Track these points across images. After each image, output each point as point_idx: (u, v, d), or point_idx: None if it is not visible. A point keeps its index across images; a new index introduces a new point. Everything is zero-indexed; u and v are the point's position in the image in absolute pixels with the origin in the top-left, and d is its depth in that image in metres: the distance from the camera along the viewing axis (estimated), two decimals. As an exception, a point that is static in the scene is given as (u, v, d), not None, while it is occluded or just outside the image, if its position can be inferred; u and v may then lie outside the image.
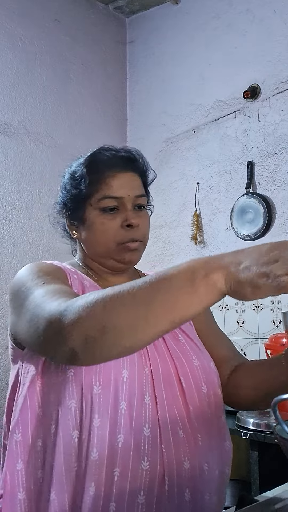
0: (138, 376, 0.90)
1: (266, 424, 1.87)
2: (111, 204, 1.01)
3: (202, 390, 0.96)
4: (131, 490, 0.84)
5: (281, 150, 2.55)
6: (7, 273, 2.58)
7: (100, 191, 1.01)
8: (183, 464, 0.88)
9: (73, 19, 3.08)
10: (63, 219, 1.12)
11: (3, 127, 2.67)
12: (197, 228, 2.82)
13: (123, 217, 1.01)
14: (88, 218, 1.03)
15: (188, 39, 3.02)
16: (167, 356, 0.96)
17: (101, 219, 1.01)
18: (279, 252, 0.64)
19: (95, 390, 0.86)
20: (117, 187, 1.01)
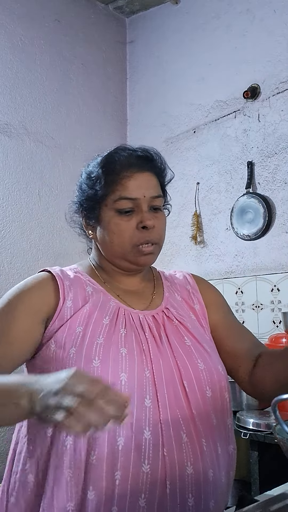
0: (138, 379, 0.90)
1: (266, 424, 1.87)
2: (127, 206, 1.00)
3: (206, 394, 0.96)
4: (132, 493, 0.84)
5: (281, 150, 2.55)
6: (7, 273, 2.58)
7: (116, 192, 1.00)
8: (186, 469, 0.88)
9: (73, 19, 3.08)
10: (80, 218, 1.11)
11: (3, 127, 2.67)
12: (197, 228, 2.82)
13: (139, 218, 1.00)
14: (104, 218, 1.03)
15: (188, 39, 3.02)
16: (171, 359, 0.96)
17: (117, 220, 1.01)
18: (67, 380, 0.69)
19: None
20: (133, 188, 1.00)
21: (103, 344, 0.93)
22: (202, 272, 2.79)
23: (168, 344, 0.98)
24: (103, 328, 0.96)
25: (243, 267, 2.64)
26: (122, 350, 0.93)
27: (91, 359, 0.90)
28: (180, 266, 2.83)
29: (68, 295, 1.00)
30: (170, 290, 1.13)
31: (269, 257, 2.54)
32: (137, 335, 0.97)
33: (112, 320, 0.98)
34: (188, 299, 1.14)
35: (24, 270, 2.65)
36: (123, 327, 0.98)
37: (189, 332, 1.03)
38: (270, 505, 0.87)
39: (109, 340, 0.94)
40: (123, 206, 1.00)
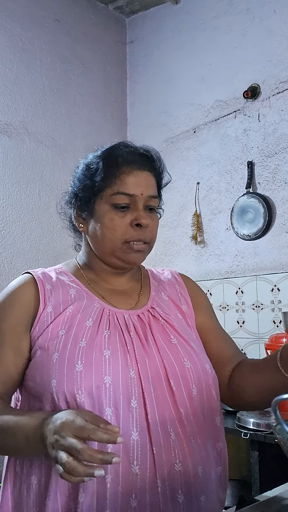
0: (122, 381, 0.90)
1: (266, 424, 1.87)
2: (123, 201, 0.99)
3: (192, 392, 0.96)
4: (123, 494, 0.85)
5: (281, 150, 2.55)
6: (7, 273, 2.58)
7: (114, 186, 0.99)
8: (175, 467, 0.89)
9: (73, 19, 3.08)
10: (70, 210, 1.10)
11: (3, 127, 2.67)
12: (197, 228, 2.82)
13: (134, 215, 1.00)
14: (98, 212, 1.01)
15: (188, 39, 3.02)
16: (157, 357, 0.96)
17: (111, 215, 0.99)
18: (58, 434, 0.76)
19: (79, 399, 0.88)
20: (132, 185, 0.99)
21: (86, 347, 0.93)
22: (202, 272, 2.79)
23: (154, 343, 0.98)
24: (86, 331, 0.96)
25: (243, 267, 2.64)
26: (105, 352, 0.93)
27: (74, 363, 0.90)
28: (180, 266, 2.83)
29: (49, 299, 1.00)
30: (157, 289, 1.13)
31: (269, 257, 2.54)
32: (121, 335, 0.97)
33: (95, 322, 0.98)
34: (175, 299, 1.13)
35: (24, 270, 2.63)
36: (107, 328, 0.97)
37: (175, 330, 1.03)
38: (270, 505, 0.87)
39: (92, 343, 0.94)
40: (120, 201, 0.99)
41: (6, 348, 0.97)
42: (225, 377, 1.08)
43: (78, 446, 0.72)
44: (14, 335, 0.98)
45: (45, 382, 0.92)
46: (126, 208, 1.00)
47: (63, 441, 0.74)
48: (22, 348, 0.97)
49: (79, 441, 0.73)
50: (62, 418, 0.77)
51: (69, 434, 0.74)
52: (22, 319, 0.99)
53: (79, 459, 0.72)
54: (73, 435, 0.74)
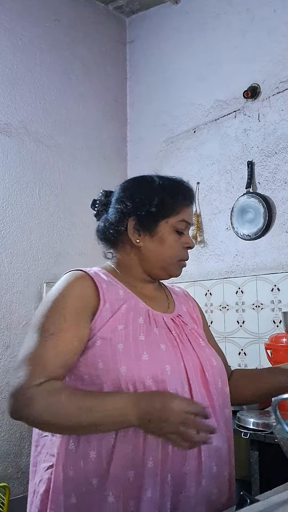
0: (177, 369, 1.08)
1: (266, 424, 1.87)
2: (183, 227, 1.20)
3: (218, 384, 1.15)
4: (179, 463, 1.04)
5: (281, 149, 2.55)
6: (7, 273, 2.58)
7: (181, 214, 1.20)
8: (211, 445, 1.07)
9: (73, 19, 3.08)
10: (122, 223, 1.20)
11: (3, 127, 2.67)
12: (197, 227, 2.82)
13: (186, 239, 1.21)
14: (161, 232, 1.19)
15: (188, 39, 3.02)
16: (195, 356, 1.14)
17: (175, 237, 1.19)
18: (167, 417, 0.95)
19: (147, 384, 1.03)
20: (189, 215, 1.23)
21: (145, 341, 1.08)
22: (202, 272, 2.79)
23: (188, 342, 1.16)
24: (141, 327, 1.10)
25: (243, 266, 2.64)
26: (161, 345, 1.09)
27: (140, 354, 1.05)
28: (180, 266, 2.83)
29: (107, 296, 1.12)
30: (176, 300, 1.30)
31: (269, 256, 2.54)
32: (168, 333, 1.14)
33: (145, 320, 1.13)
34: (191, 312, 1.32)
35: (24, 270, 2.65)
36: (156, 326, 1.13)
37: (200, 336, 1.22)
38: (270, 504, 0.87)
39: (149, 337, 1.09)
40: (181, 227, 1.20)
41: (71, 333, 1.05)
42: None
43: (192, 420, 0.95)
44: (77, 322, 1.07)
45: (110, 369, 1.04)
46: (182, 233, 1.21)
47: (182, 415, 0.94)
48: (83, 336, 1.07)
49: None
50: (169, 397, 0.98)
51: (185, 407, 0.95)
52: (84, 309, 1.09)
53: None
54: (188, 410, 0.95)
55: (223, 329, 2.65)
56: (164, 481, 1.02)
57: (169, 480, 1.02)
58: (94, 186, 3.10)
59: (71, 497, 1.03)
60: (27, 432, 2.58)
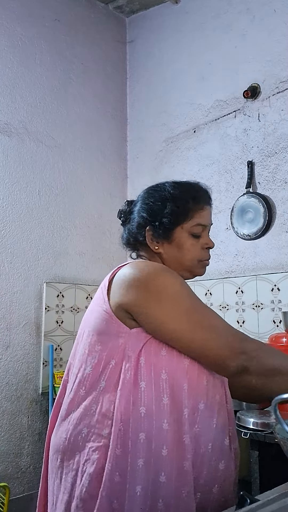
0: (210, 375, 1.14)
1: (266, 424, 1.87)
2: (199, 231, 1.25)
3: (225, 381, 1.19)
4: (216, 459, 1.10)
5: (281, 149, 2.55)
6: (7, 273, 2.58)
7: (194, 219, 1.24)
8: (235, 443, 1.15)
9: (73, 19, 3.08)
10: (137, 231, 1.27)
11: (3, 127, 2.67)
12: (197, 227, 2.82)
13: (204, 241, 1.26)
14: (178, 238, 1.24)
15: (188, 39, 3.02)
16: None
17: (191, 241, 1.24)
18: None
19: (204, 382, 1.11)
20: (205, 218, 1.26)
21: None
22: (202, 271, 2.79)
23: None
24: None
25: (243, 266, 2.64)
26: None
27: (183, 358, 1.10)
28: (180, 265, 2.83)
29: None
30: None
31: (269, 256, 2.54)
32: None
33: None
34: None
35: (24, 270, 2.65)
36: None
37: None
38: (270, 505, 0.87)
39: None
40: (197, 231, 1.24)
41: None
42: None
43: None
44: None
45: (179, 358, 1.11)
46: (199, 236, 1.25)
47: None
48: None
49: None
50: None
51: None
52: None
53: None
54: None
55: (223, 329, 2.65)
56: (199, 472, 1.08)
57: (205, 472, 1.09)
58: (94, 186, 3.10)
59: (124, 475, 1.05)
60: (27, 432, 2.58)
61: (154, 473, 1.04)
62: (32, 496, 2.50)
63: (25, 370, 2.61)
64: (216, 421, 1.11)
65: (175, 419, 1.06)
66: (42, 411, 2.64)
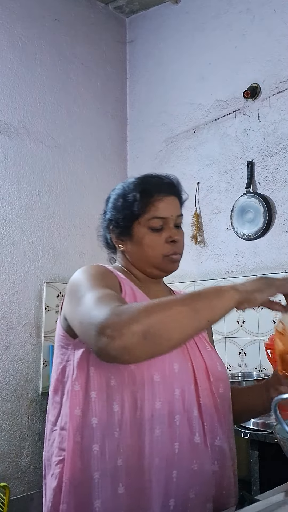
0: (185, 369, 1.09)
1: (267, 424, 1.87)
2: (158, 224, 1.17)
3: (219, 390, 1.15)
4: (187, 460, 1.04)
5: (281, 149, 2.55)
6: (7, 273, 2.58)
7: (150, 212, 1.18)
8: (216, 441, 1.09)
9: (73, 19, 3.08)
10: (107, 233, 1.26)
11: (3, 127, 2.67)
12: (197, 227, 2.82)
13: (167, 234, 1.18)
14: (137, 234, 1.19)
15: (188, 39, 3.02)
16: (201, 359, 1.15)
17: (150, 236, 1.18)
18: (267, 277, 0.97)
19: (156, 379, 1.04)
20: (163, 209, 1.18)
21: None
22: (202, 271, 2.79)
23: (196, 346, 1.17)
24: None
25: (243, 266, 2.64)
26: None
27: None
28: (180, 266, 2.80)
29: (125, 288, 1.13)
30: None
31: (269, 256, 2.54)
32: None
33: None
34: None
35: (24, 270, 2.65)
36: None
37: (207, 342, 1.22)
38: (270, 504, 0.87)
39: None
40: (155, 224, 1.17)
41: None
42: None
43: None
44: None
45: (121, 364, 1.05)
46: (161, 229, 1.18)
47: (274, 278, 0.96)
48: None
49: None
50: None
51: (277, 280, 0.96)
52: (114, 288, 1.06)
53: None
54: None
55: (223, 329, 2.65)
56: (169, 479, 1.01)
57: (175, 477, 1.02)
58: (94, 186, 3.10)
59: (82, 489, 1.02)
60: (27, 432, 2.58)
61: (112, 485, 0.99)
62: (32, 496, 2.50)
63: (25, 370, 2.61)
64: (179, 419, 1.05)
65: (130, 425, 1.02)
66: (42, 411, 2.64)
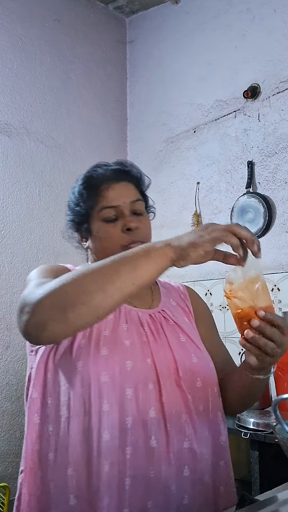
0: (141, 366, 1.01)
1: (267, 424, 1.87)
2: (110, 214, 1.11)
3: (196, 385, 1.05)
4: (142, 466, 0.95)
5: (281, 149, 2.55)
6: (7, 273, 2.58)
7: (99, 203, 1.12)
8: (184, 444, 0.99)
9: (73, 19, 3.08)
10: (75, 234, 1.23)
11: (3, 127, 2.67)
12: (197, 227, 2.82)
13: (123, 222, 1.11)
14: (93, 229, 1.14)
15: (188, 39, 3.02)
16: (168, 352, 1.06)
17: (105, 228, 1.11)
18: (208, 226, 0.93)
19: (103, 379, 0.97)
20: (113, 197, 1.12)
21: (109, 336, 1.02)
22: (202, 271, 2.79)
23: (165, 338, 1.08)
24: (107, 323, 1.05)
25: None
26: (126, 341, 1.03)
27: (99, 349, 1.00)
28: (180, 266, 2.83)
29: None
30: (166, 295, 1.23)
31: (269, 256, 2.54)
32: (138, 329, 1.07)
33: (115, 316, 1.07)
34: (182, 306, 1.23)
35: (24, 270, 2.65)
36: (125, 322, 1.07)
37: (183, 331, 1.13)
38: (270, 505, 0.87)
39: (114, 333, 1.03)
40: (107, 215, 1.11)
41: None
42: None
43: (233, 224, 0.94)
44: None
45: (68, 363, 1.00)
46: (116, 219, 1.11)
47: (216, 225, 0.92)
48: None
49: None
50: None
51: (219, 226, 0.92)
52: None
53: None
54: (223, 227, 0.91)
55: (223, 329, 2.65)
56: (121, 487, 0.93)
57: (128, 485, 0.93)
58: (94, 186, 3.10)
59: (39, 503, 0.98)
60: (27, 432, 2.58)
61: (64, 496, 0.94)
62: (32, 496, 2.50)
63: (25, 370, 2.60)
64: (131, 421, 0.96)
65: (78, 431, 0.96)
66: (42, 411, 2.64)
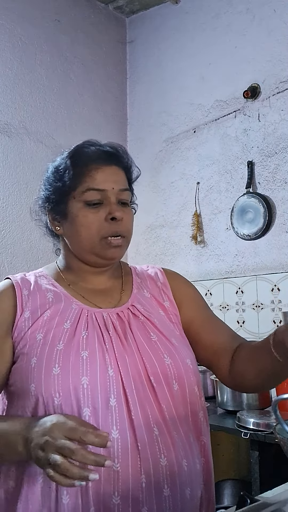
0: (100, 381, 0.91)
1: (267, 424, 1.87)
2: (95, 197, 1.00)
3: (173, 387, 0.97)
4: (105, 493, 0.86)
5: (281, 149, 2.55)
6: (7, 273, 2.57)
7: (84, 183, 1.00)
8: (160, 461, 0.90)
9: (73, 19, 3.08)
10: (45, 216, 1.10)
11: (3, 127, 2.67)
12: (197, 228, 2.82)
13: (107, 210, 1.00)
14: (71, 211, 1.01)
15: (188, 39, 3.02)
16: (137, 355, 0.97)
17: (85, 212, 1.00)
18: (48, 435, 0.79)
19: (56, 401, 0.89)
20: (101, 180, 1.00)
21: (63, 350, 0.93)
22: (202, 272, 2.79)
23: (133, 340, 0.99)
24: (63, 333, 0.96)
25: (243, 266, 2.64)
26: (83, 353, 0.93)
27: (51, 367, 0.91)
28: (180, 266, 2.83)
29: (27, 305, 1.00)
30: (139, 286, 1.12)
31: (269, 256, 2.54)
32: (100, 335, 0.97)
33: (73, 323, 0.98)
34: (157, 296, 1.12)
35: (24, 270, 2.64)
36: (85, 329, 0.98)
37: (155, 327, 1.03)
38: (270, 505, 0.87)
39: (69, 345, 0.94)
40: (92, 198, 0.99)
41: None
42: (226, 366, 1.07)
43: (71, 446, 0.75)
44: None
45: (24, 387, 0.93)
46: (99, 204, 1.00)
47: (55, 441, 0.77)
48: (4, 352, 0.98)
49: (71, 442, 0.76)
50: (52, 420, 0.81)
51: (61, 435, 0.77)
52: (2, 324, 0.99)
53: (72, 461, 0.75)
54: (64, 436, 0.77)
55: (223, 329, 2.65)
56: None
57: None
58: (94, 186, 3.10)
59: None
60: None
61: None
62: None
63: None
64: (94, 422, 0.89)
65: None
66: (42, 411, 2.64)
